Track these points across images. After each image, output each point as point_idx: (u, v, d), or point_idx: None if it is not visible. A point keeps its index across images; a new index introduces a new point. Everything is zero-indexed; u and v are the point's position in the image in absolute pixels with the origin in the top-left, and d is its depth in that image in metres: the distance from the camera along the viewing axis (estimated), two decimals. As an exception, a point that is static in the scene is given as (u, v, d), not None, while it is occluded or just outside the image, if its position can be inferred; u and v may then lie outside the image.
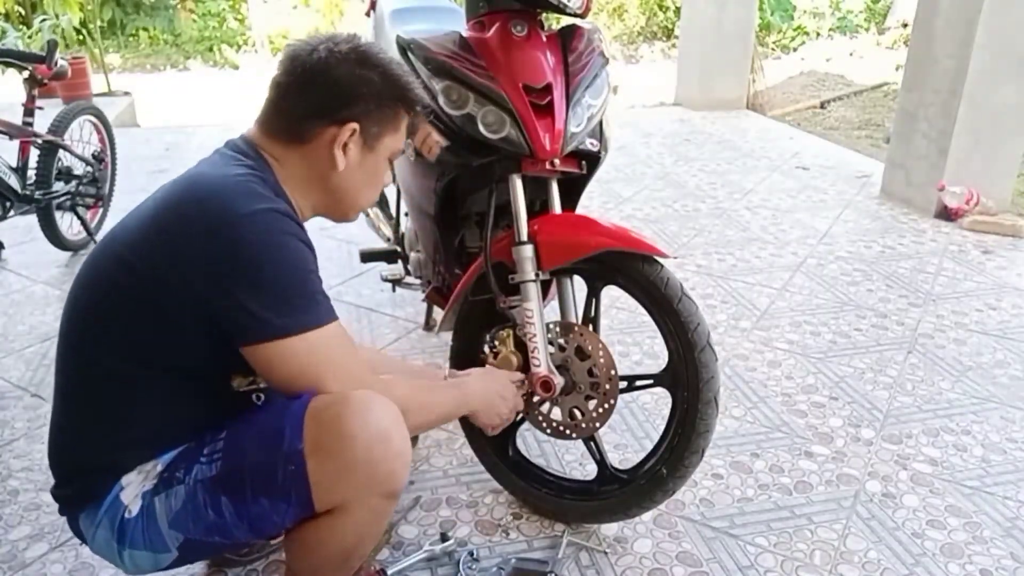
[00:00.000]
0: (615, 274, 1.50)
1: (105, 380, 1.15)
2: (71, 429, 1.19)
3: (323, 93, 1.17)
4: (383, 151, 1.25)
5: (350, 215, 1.32)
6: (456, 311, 1.71)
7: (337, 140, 1.18)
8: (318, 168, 1.21)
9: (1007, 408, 2.14)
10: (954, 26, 3.37)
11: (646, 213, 3.65)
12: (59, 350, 1.20)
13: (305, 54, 1.18)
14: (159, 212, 1.13)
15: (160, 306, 1.10)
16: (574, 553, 1.62)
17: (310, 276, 1.12)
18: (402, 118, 1.26)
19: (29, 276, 2.98)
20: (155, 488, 1.14)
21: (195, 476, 1.13)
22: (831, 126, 5.82)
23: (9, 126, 2.79)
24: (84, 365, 1.17)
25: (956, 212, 3.47)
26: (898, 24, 8.91)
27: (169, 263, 1.08)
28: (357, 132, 1.19)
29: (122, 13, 9.16)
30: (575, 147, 1.53)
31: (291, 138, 1.20)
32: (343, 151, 1.19)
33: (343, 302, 2.74)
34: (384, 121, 1.23)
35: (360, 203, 1.30)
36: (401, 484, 1.17)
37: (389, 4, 2.37)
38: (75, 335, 1.18)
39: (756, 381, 2.27)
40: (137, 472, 1.16)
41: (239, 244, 1.07)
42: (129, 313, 1.12)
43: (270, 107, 1.21)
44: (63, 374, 1.20)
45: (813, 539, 1.66)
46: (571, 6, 1.56)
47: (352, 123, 1.18)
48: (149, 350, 1.12)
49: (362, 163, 1.23)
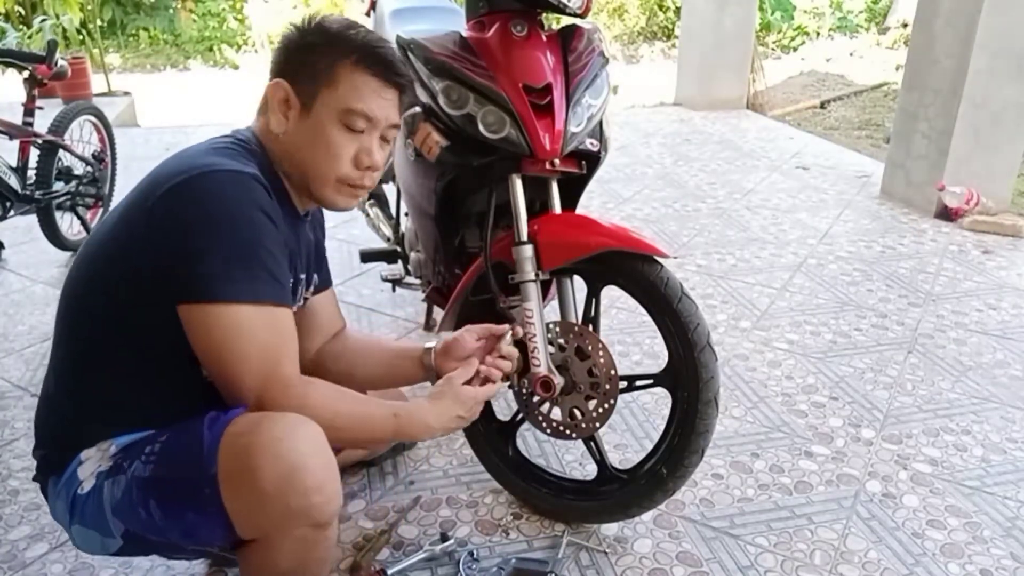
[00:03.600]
0: (615, 274, 1.50)
1: (80, 348, 1.18)
2: (50, 397, 1.22)
3: (273, 59, 1.22)
4: (321, 110, 1.17)
5: (324, 193, 1.23)
6: (456, 311, 1.71)
7: (271, 102, 1.19)
8: (285, 144, 1.21)
9: (1007, 408, 2.14)
10: (954, 26, 3.37)
11: (646, 213, 3.65)
12: (55, 325, 1.23)
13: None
14: (143, 183, 1.17)
15: (129, 264, 1.11)
16: (574, 553, 1.62)
17: (260, 248, 1.08)
18: (338, 69, 1.17)
19: (29, 276, 2.98)
20: (108, 471, 1.13)
21: (133, 471, 1.11)
22: (831, 126, 5.82)
23: (9, 126, 2.79)
24: (68, 335, 1.20)
25: (956, 212, 3.47)
26: (898, 24, 8.91)
27: (139, 220, 1.11)
28: (289, 92, 1.18)
29: (122, 13, 9.16)
30: (575, 147, 1.53)
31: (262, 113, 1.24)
32: (283, 114, 1.19)
33: (343, 302, 2.72)
34: (316, 73, 1.17)
35: (320, 172, 1.21)
36: (326, 515, 1.09)
37: (389, 4, 2.37)
38: (63, 307, 1.21)
39: (756, 381, 2.27)
40: (96, 449, 1.15)
41: (198, 200, 1.07)
42: (109, 278, 1.14)
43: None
44: (54, 345, 1.23)
45: (813, 539, 1.66)
46: (571, 6, 1.56)
47: (277, 78, 1.19)
48: (120, 313, 1.13)
49: (301, 125, 1.19)
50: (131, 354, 1.15)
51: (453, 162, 1.59)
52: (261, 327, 1.08)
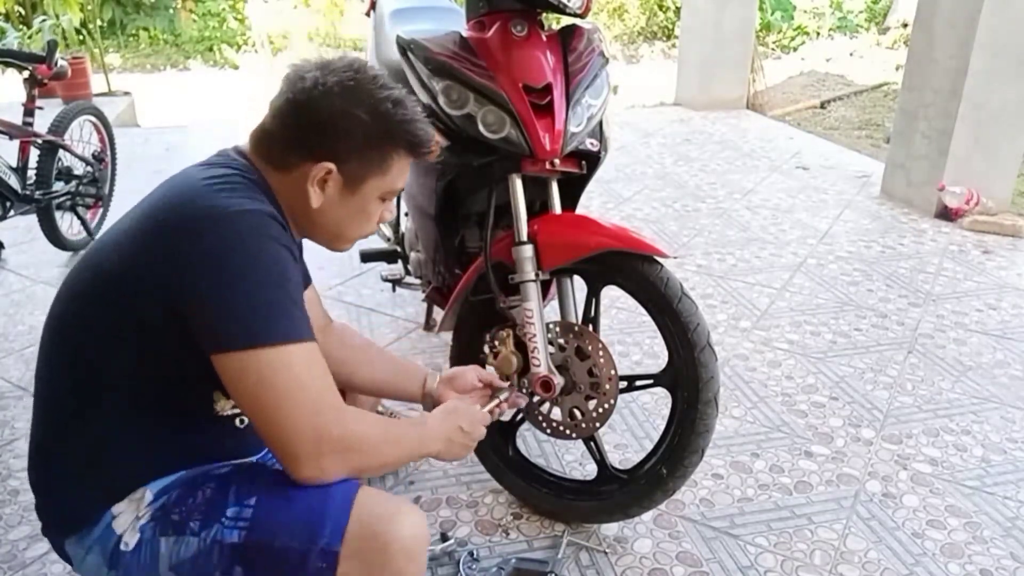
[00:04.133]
0: (615, 274, 1.50)
1: (85, 398, 1.10)
2: (54, 451, 1.15)
3: (303, 127, 1.11)
4: (368, 192, 1.17)
5: (337, 246, 1.25)
6: (456, 311, 1.71)
7: (311, 178, 1.12)
8: (299, 198, 1.15)
9: (1007, 408, 2.14)
10: (954, 26, 3.37)
11: (646, 213, 3.65)
12: (39, 367, 1.15)
13: (296, 79, 1.12)
14: (142, 217, 1.09)
15: (137, 311, 1.05)
16: (574, 553, 1.62)
17: (287, 285, 1.06)
18: (392, 159, 1.16)
19: (29, 276, 2.98)
20: (159, 526, 1.10)
21: (214, 535, 1.08)
22: (831, 126, 5.82)
23: (9, 126, 2.79)
24: (66, 384, 1.12)
25: (956, 212, 3.47)
26: (898, 24, 8.90)
27: (147, 266, 1.04)
28: (335, 172, 1.12)
29: (122, 13, 9.15)
30: (575, 147, 1.53)
31: (274, 164, 1.15)
32: (320, 188, 1.13)
33: (343, 302, 2.74)
34: (368, 163, 1.14)
35: (344, 239, 1.23)
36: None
37: (389, 4, 2.37)
38: (56, 352, 1.13)
39: (756, 381, 2.27)
40: (128, 501, 1.12)
41: (214, 243, 1.02)
42: (109, 321, 1.07)
43: (261, 126, 1.16)
44: (44, 391, 1.15)
45: (813, 539, 1.66)
46: (571, 6, 1.56)
47: (327, 163, 1.11)
48: (129, 361, 1.08)
49: (342, 203, 1.16)
50: (153, 403, 1.11)
51: (453, 162, 1.59)
52: (304, 364, 1.06)
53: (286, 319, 1.04)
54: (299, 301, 1.08)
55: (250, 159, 1.16)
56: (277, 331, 1.03)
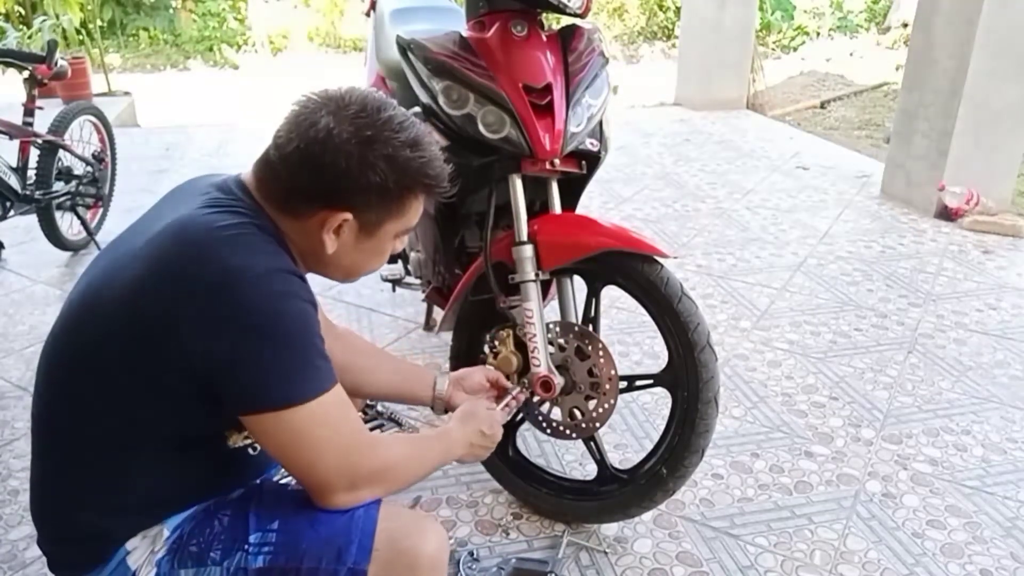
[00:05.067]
0: (615, 274, 1.50)
1: (95, 445, 1.07)
2: (60, 489, 1.12)
3: (318, 176, 1.05)
4: (385, 235, 1.14)
5: (345, 281, 1.26)
6: (456, 311, 1.71)
7: (327, 225, 1.08)
8: (311, 242, 1.11)
9: (1007, 408, 2.14)
10: (954, 26, 3.37)
11: (646, 213, 3.65)
12: (38, 405, 1.11)
13: (307, 125, 1.04)
14: (151, 265, 1.02)
15: (149, 369, 1.01)
16: (574, 553, 1.62)
17: (314, 341, 1.05)
18: (410, 203, 1.13)
19: (29, 276, 2.98)
20: (176, 558, 1.09)
21: (237, 562, 1.08)
22: (831, 126, 5.82)
23: (9, 126, 2.79)
24: (70, 425, 1.08)
25: (956, 212, 3.47)
26: (898, 24, 8.90)
27: (161, 323, 0.99)
28: (352, 219, 1.08)
29: (122, 13, 9.14)
30: (575, 147, 1.53)
31: (284, 210, 1.09)
32: (335, 235, 1.10)
33: (343, 302, 2.74)
34: (386, 210, 1.11)
35: (357, 275, 1.23)
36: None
37: (389, 4, 2.37)
38: (59, 393, 1.09)
39: (756, 381, 2.27)
40: (141, 537, 1.11)
41: (242, 308, 0.99)
42: (118, 376, 1.03)
43: (266, 166, 1.09)
44: (44, 431, 1.12)
45: (813, 539, 1.66)
46: (571, 6, 1.56)
47: (345, 212, 1.07)
48: (140, 415, 1.05)
49: (357, 246, 1.13)
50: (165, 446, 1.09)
51: (453, 162, 1.58)
52: (333, 411, 1.06)
53: (314, 372, 1.04)
54: (322, 350, 1.06)
55: (257, 200, 1.10)
56: (308, 388, 1.03)
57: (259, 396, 1.01)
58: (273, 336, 1.00)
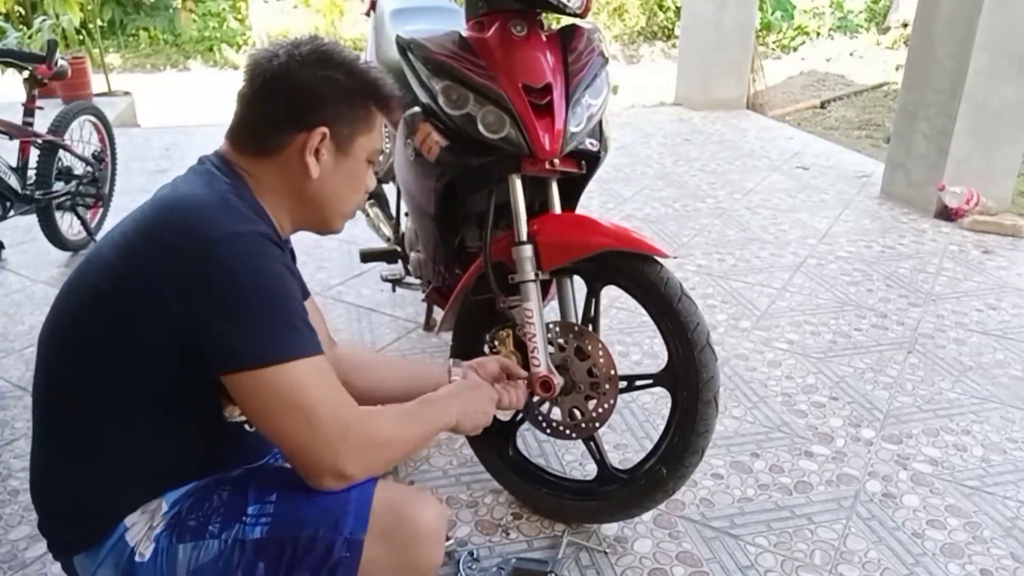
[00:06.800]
0: (615, 274, 1.50)
1: (91, 416, 1.10)
2: (59, 467, 1.14)
3: (288, 99, 1.13)
4: (358, 153, 1.19)
5: (334, 224, 1.26)
6: (456, 311, 1.71)
7: (308, 146, 1.13)
8: (293, 178, 1.16)
9: (1007, 408, 2.14)
10: (954, 26, 3.37)
11: (646, 213, 3.65)
12: (37, 382, 1.14)
13: (265, 61, 1.13)
14: (132, 235, 1.08)
15: (138, 333, 1.05)
16: (574, 553, 1.62)
17: (291, 304, 1.07)
18: (375, 116, 1.20)
19: (29, 276, 2.98)
20: (175, 533, 1.09)
21: (235, 534, 1.08)
22: (831, 126, 5.82)
23: (9, 126, 2.79)
24: (67, 399, 1.11)
25: (956, 212, 3.47)
26: (898, 24, 8.90)
27: (144, 287, 1.03)
28: (328, 136, 1.14)
29: (122, 13, 9.15)
30: (575, 147, 1.53)
31: (262, 150, 1.15)
32: (316, 157, 1.14)
33: (343, 302, 2.74)
34: (355, 121, 1.17)
35: (342, 210, 1.24)
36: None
37: (389, 4, 2.37)
38: (55, 366, 1.13)
39: (756, 381, 2.27)
40: (141, 512, 1.12)
41: (217, 268, 1.02)
42: (108, 343, 1.07)
43: (238, 120, 1.17)
44: (43, 407, 1.14)
45: (813, 539, 1.66)
46: (571, 6, 1.56)
47: (321, 127, 1.13)
48: (133, 381, 1.07)
49: (337, 168, 1.17)
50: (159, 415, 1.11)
51: (453, 162, 1.59)
52: (315, 378, 1.07)
53: (294, 334, 1.05)
54: (304, 316, 1.08)
55: (231, 161, 1.16)
56: (287, 348, 1.04)
57: (237, 353, 1.03)
58: (250, 294, 1.03)
